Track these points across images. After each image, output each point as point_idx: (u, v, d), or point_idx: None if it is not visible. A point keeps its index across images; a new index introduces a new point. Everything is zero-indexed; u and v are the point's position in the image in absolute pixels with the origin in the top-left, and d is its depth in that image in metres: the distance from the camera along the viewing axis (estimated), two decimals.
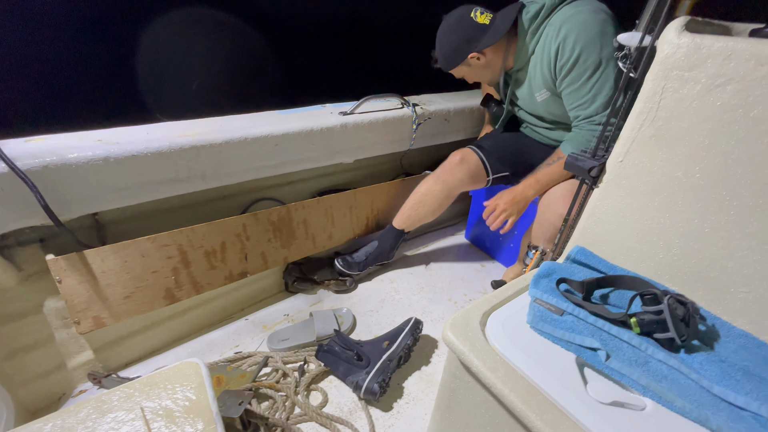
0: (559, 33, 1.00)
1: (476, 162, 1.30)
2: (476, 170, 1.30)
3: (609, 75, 0.97)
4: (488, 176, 1.31)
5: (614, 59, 0.97)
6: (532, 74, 1.12)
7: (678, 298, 0.59)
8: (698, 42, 0.57)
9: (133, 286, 0.99)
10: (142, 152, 0.95)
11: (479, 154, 1.31)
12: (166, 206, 1.13)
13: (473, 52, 1.11)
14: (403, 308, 1.33)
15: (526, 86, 1.17)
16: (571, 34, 0.98)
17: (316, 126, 1.21)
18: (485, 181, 1.33)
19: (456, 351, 0.61)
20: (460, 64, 1.14)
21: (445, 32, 1.13)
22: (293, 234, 1.26)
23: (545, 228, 1.14)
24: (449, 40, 1.12)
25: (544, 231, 1.16)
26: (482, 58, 1.12)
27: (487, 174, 1.31)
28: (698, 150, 0.60)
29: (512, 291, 0.73)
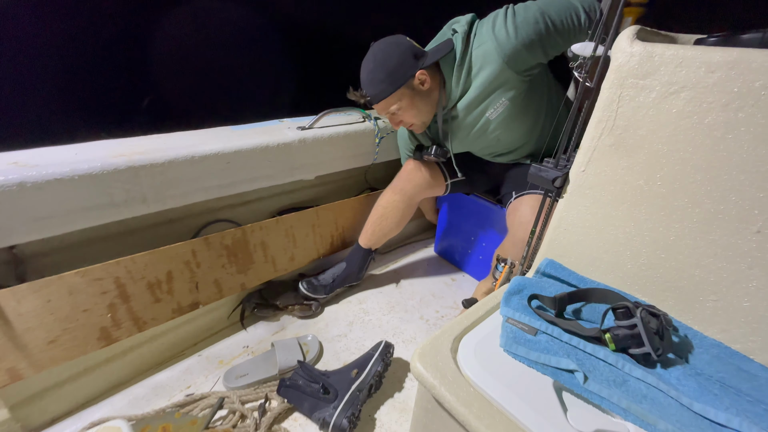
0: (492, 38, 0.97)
1: (432, 166, 1.28)
2: (433, 174, 1.28)
3: None
4: (446, 180, 1.29)
5: None
6: (475, 98, 1.05)
7: (650, 309, 0.57)
8: (650, 50, 0.57)
9: (59, 328, 0.86)
10: (67, 175, 0.83)
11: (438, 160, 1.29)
12: (101, 234, 1.01)
13: (421, 68, 1.01)
14: (373, 330, 1.26)
15: (468, 117, 1.09)
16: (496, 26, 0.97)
17: (273, 141, 1.14)
18: (443, 186, 1.31)
19: (426, 385, 0.55)
20: (407, 81, 1.01)
21: (385, 51, 1.01)
22: (250, 258, 1.17)
23: (519, 247, 1.12)
24: (393, 56, 1.00)
25: (518, 250, 1.15)
26: (426, 82, 1.02)
27: (444, 178, 1.29)
28: (658, 158, 0.59)
29: (483, 311, 0.69)
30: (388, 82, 1.01)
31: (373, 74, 1.02)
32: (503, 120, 1.08)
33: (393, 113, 1.07)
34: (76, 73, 1.39)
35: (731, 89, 0.51)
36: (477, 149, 1.22)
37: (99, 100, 1.48)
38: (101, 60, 1.41)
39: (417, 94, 1.04)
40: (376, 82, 1.02)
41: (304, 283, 1.29)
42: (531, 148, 1.18)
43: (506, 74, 1.00)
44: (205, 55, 1.59)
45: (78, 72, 1.39)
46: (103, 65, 1.43)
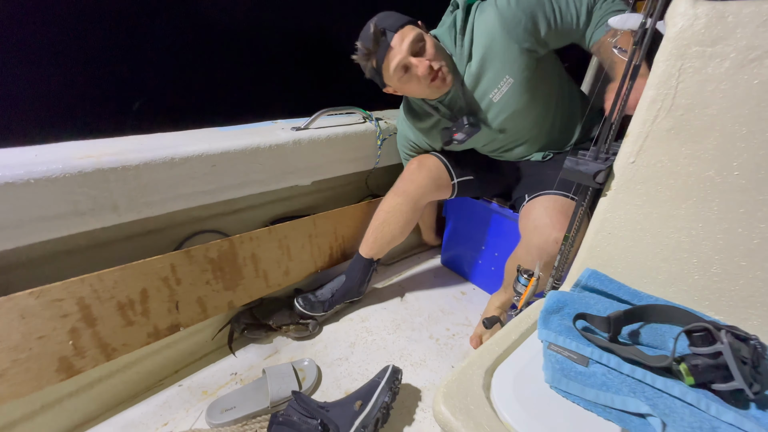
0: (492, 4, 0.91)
1: (437, 164, 1.16)
2: (438, 174, 1.16)
3: None
4: (452, 180, 1.17)
5: None
6: (480, 67, 0.95)
7: (736, 332, 0.45)
8: (721, 9, 0.46)
9: (6, 359, 0.72)
10: (21, 179, 0.71)
11: (440, 157, 1.17)
12: (67, 247, 0.88)
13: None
14: (377, 352, 1.13)
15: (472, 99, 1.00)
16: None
17: (264, 143, 1.02)
18: (450, 186, 1.18)
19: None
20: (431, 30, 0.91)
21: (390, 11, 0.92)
22: (239, 272, 1.04)
23: (534, 255, 1.00)
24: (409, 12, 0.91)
25: (533, 258, 1.02)
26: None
27: (450, 177, 1.17)
28: (734, 142, 0.48)
29: (516, 333, 0.57)
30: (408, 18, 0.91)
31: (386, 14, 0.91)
32: (508, 102, 0.97)
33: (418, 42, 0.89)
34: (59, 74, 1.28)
35: None
36: (481, 144, 1.11)
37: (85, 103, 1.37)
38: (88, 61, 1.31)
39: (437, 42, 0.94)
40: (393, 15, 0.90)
41: (299, 299, 1.16)
42: (542, 142, 1.07)
43: (509, 46, 0.91)
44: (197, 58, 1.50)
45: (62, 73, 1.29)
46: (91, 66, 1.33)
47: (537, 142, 1.07)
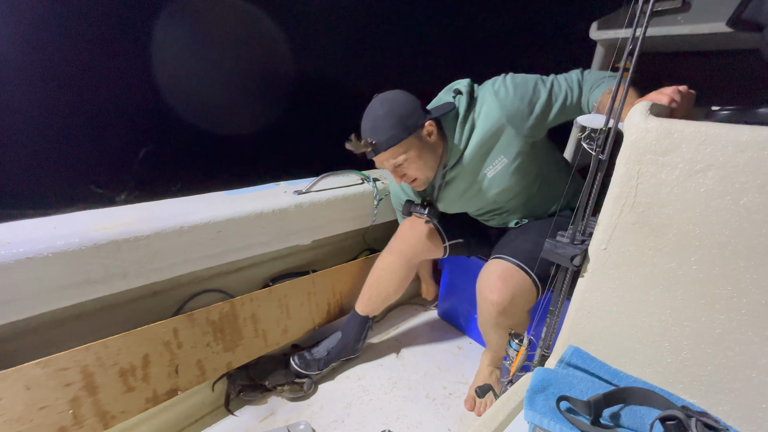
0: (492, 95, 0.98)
1: (429, 227, 1.22)
2: (430, 234, 1.21)
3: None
4: (444, 242, 1.22)
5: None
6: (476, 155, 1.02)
7: (707, 422, 0.48)
8: (667, 127, 0.54)
9: (8, 431, 0.74)
10: (41, 254, 0.76)
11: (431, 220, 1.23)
12: (75, 312, 0.92)
13: (431, 119, 0.98)
14: (374, 413, 1.12)
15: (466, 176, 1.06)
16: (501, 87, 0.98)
17: (267, 208, 1.09)
18: (442, 247, 1.23)
19: None
20: (417, 130, 0.96)
21: (394, 99, 0.97)
22: (239, 333, 1.07)
23: (483, 318, 1.05)
24: (403, 104, 0.96)
25: (483, 321, 1.08)
26: (433, 135, 0.99)
27: (442, 240, 1.22)
28: (690, 239, 0.53)
29: (504, 414, 0.59)
30: (399, 129, 0.95)
31: (382, 120, 0.95)
32: (501, 179, 1.04)
33: (399, 164, 0.99)
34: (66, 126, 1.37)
35: (766, 170, 0.46)
36: (474, 209, 1.17)
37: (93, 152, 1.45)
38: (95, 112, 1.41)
39: (425, 145, 1.00)
40: (385, 128, 0.95)
41: (295, 357, 1.17)
42: (523, 212, 1.14)
43: (506, 131, 0.98)
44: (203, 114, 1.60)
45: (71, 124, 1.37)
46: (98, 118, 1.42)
47: (517, 212, 1.14)
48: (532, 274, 0.96)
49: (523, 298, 0.96)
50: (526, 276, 0.96)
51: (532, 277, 0.96)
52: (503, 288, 0.94)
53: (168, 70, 1.42)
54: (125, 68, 1.36)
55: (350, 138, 0.96)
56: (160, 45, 1.37)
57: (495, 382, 1.21)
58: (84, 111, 1.32)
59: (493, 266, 1.00)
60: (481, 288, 1.00)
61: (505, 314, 0.95)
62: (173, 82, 1.46)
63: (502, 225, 1.20)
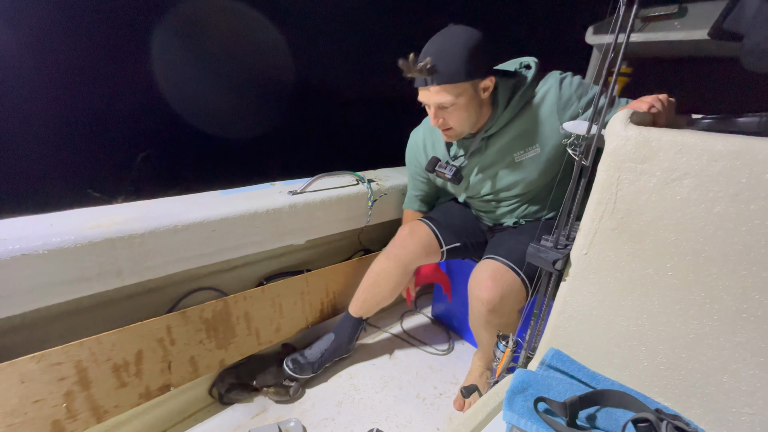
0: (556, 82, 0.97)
1: (427, 233, 1.23)
2: (428, 241, 1.22)
3: None
4: (441, 248, 1.23)
5: None
6: (516, 134, 1.01)
7: (677, 424, 0.49)
8: (646, 135, 0.55)
9: (2, 424, 0.75)
10: (36, 250, 0.78)
11: (429, 225, 1.24)
12: (69, 308, 0.93)
13: (493, 75, 0.92)
14: (364, 412, 1.14)
15: (496, 151, 1.05)
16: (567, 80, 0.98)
17: (261, 207, 1.10)
18: (439, 253, 1.24)
19: None
20: (479, 77, 0.90)
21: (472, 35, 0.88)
22: (232, 331, 1.08)
23: (474, 317, 1.06)
24: (479, 43, 0.87)
25: (474, 320, 1.08)
26: (488, 92, 0.93)
27: (440, 245, 1.23)
28: (666, 246, 0.54)
29: (483, 414, 0.61)
30: (464, 68, 0.87)
31: (452, 49, 0.87)
32: (525, 168, 1.04)
33: (443, 106, 0.93)
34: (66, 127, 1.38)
35: (738, 180, 0.48)
36: (485, 191, 1.14)
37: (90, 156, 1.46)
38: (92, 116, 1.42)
39: (476, 99, 0.94)
40: (451, 60, 0.86)
41: (289, 362, 1.18)
42: (527, 210, 1.15)
43: (552, 122, 0.99)
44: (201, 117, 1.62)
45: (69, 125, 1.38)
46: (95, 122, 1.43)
47: (519, 210, 1.15)
48: (521, 275, 0.97)
49: (513, 297, 0.97)
50: (516, 276, 0.97)
51: (522, 277, 0.97)
52: (493, 287, 0.95)
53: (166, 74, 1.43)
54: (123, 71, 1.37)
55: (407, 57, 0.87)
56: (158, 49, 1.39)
57: (484, 383, 1.22)
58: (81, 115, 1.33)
59: (484, 266, 1.01)
60: (472, 287, 1.01)
61: (495, 313, 0.96)
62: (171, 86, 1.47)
63: (497, 221, 1.21)
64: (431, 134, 1.19)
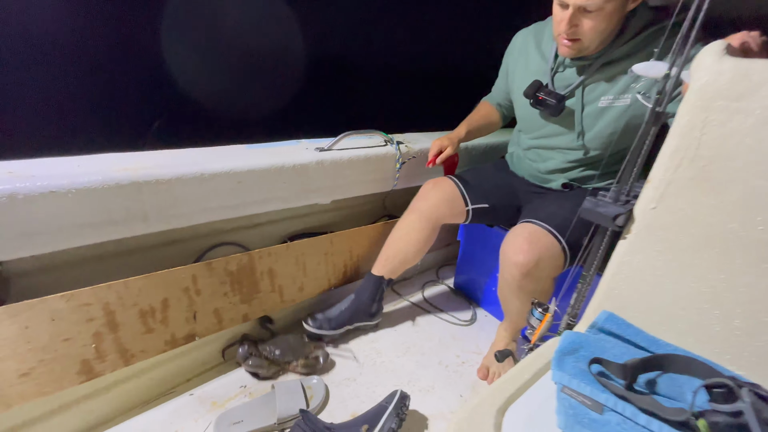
0: None
1: (452, 188, 1.17)
2: (452, 197, 1.16)
3: None
4: (467, 206, 1.17)
5: None
6: (620, 73, 0.90)
7: (759, 392, 0.44)
8: (745, 68, 0.47)
9: (34, 359, 0.76)
10: (63, 188, 0.76)
11: (455, 182, 1.18)
12: (96, 253, 0.93)
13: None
14: (386, 375, 1.12)
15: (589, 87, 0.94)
16: None
17: (288, 162, 1.06)
18: (464, 212, 1.18)
19: None
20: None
21: None
22: (256, 286, 1.07)
23: (506, 282, 1.00)
24: None
25: (505, 286, 1.02)
26: (627, 8, 0.84)
27: (465, 203, 1.17)
28: (758, 196, 0.48)
29: (529, 373, 0.57)
30: None
31: None
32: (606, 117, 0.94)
33: (586, 10, 0.82)
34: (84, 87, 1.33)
35: None
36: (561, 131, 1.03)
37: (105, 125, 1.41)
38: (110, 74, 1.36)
39: (621, 10, 0.83)
40: None
41: (308, 318, 1.17)
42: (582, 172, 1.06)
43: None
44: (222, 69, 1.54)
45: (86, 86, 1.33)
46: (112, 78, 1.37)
47: (577, 171, 1.07)
48: (561, 240, 0.91)
49: (550, 263, 0.91)
50: (555, 241, 0.91)
51: (562, 243, 0.91)
52: (529, 250, 0.89)
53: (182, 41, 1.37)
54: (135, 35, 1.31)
55: None
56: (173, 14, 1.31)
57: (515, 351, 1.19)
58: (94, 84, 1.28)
59: (521, 229, 0.95)
60: (505, 250, 0.96)
61: (529, 277, 0.91)
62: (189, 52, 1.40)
63: (541, 181, 1.13)
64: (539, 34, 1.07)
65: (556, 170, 1.09)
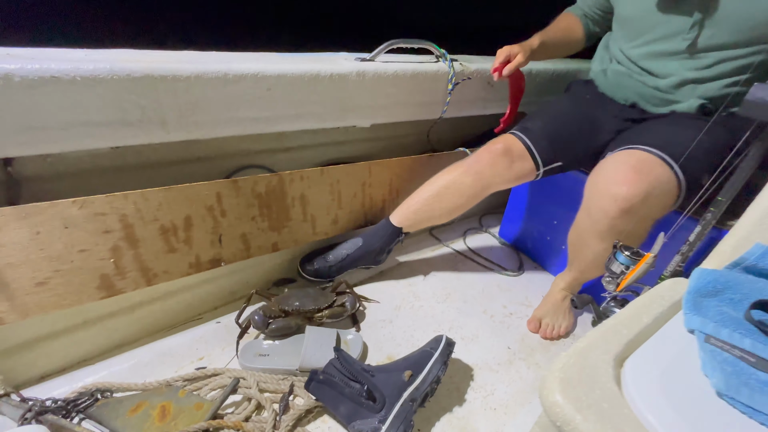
0: None
1: (522, 153, 0.97)
2: (521, 164, 0.97)
3: None
4: (537, 170, 0.98)
5: None
6: None
7: None
8: None
9: (49, 269, 0.69)
10: (67, 74, 0.64)
11: (525, 141, 0.97)
12: (115, 164, 0.83)
13: None
14: (424, 320, 1.02)
15: None
16: None
17: (324, 70, 0.90)
18: (533, 174, 1.00)
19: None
20: None
21: None
22: (287, 213, 0.96)
23: (591, 221, 0.82)
24: None
25: (587, 227, 0.84)
26: None
27: (536, 167, 0.98)
28: None
29: (649, 317, 0.42)
30: None
31: None
32: None
33: None
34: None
35: None
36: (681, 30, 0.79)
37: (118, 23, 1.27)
38: None
39: None
40: None
41: (305, 264, 1.06)
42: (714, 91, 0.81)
43: None
44: None
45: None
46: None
47: (717, 85, 0.81)
48: (679, 173, 0.71)
49: (660, 200, 0.72)
50: (672, 174, 0.71)
51: (680, 177, 0.71)
52: (637, 180, 0.70)
53: None
54: None
55: None
56: None
57: (567, 309, 1.04)
58: None
59: (625, 156, 0.76)
60: (600, 181, 0.77)
61: (629, 216, 0.72)
62: None
63: (661, 96, 0.88)
64: None
65: (687, 83, 0.83)
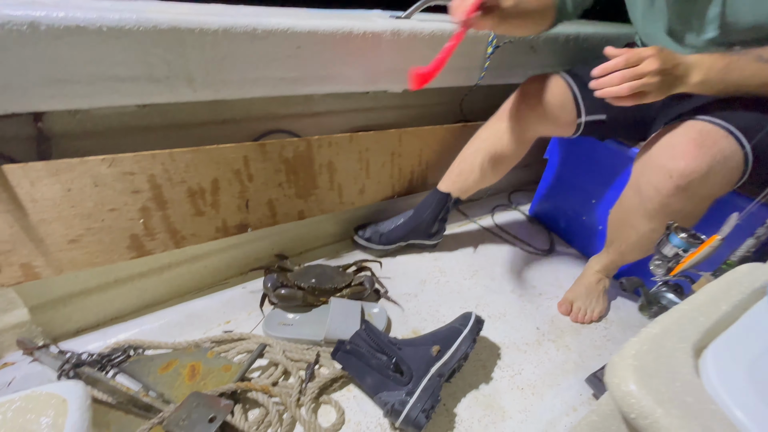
0: None
1: (563, 92, 0.87)
2: (562, 104, 0.87)
3: None
4: (579, 117, 0.89)
5: None
6: None
7: None
8: None
9: (81, 226, 0.69)
10: (92, 23, 0.61)
11: (569, 82, 0.88)
12: (142, 123, 0.81)
13: None
14: (450, 296, 0.99)
15: None
16: None
17: (357, 28, 0.84)
18: (573, 124, 0.90)
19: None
20: None
21: None
22: (313, 180, 0.93)
23: (640, 198, 0.74)
24: None
25: (639, 202, 0.75)
26: None
27: (578, 114, 0.88)
28: None
29: (728, 304, 0.37)
30: None
31: None
32: None
33: None
34: None
35: None
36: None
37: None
38: None
39: None
40: None
41: (358, 229, 1.04)
42: None
43: None
44: None
45: None
46: None
47: None
48: (747, 147, 0.63)
49: (723, 177, 0.65)
50: (738, 147, 0.64)
51: (746, 151, 0.64)
52: (698, 154, 0.63)
53: None
54: None
55: None
56: None
57: (601, 293, 0.99)
58: None
59: (685, 127, 0.68)
60: (654, 154, 0.70)
61: (686, 193, 0.66)
62: None
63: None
64: None
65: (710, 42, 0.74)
